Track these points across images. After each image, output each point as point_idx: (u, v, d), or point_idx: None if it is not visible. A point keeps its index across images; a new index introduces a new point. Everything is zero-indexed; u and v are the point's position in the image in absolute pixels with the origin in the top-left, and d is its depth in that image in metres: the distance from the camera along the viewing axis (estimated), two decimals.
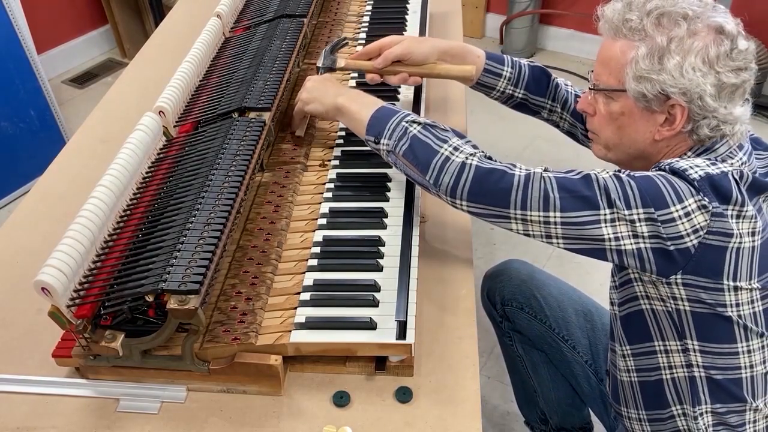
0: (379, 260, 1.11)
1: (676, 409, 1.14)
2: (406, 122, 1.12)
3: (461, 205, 1.06)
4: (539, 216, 1.00)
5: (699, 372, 1.08)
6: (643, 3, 1.04)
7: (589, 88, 1.12)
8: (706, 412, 1.11)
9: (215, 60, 1.52)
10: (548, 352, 1.48)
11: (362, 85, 1.56)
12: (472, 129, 3.05)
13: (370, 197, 1.26)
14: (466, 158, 1.05)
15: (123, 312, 0.96)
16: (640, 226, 0.97)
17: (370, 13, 1.87)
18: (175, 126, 1.29)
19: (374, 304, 1.04)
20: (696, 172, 0.98)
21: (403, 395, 1.00)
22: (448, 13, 2.02)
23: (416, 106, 1.48)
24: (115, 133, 1.49)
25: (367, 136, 1.17)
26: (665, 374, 1.12)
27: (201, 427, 0.98)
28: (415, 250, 1.13)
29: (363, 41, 1.73)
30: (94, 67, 3.69)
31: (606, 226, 0.98)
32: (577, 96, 1.37)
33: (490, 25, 3.87)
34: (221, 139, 1.21)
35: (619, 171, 1.01)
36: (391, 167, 1.32)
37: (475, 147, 1.10)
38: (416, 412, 0.98)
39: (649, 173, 1.00)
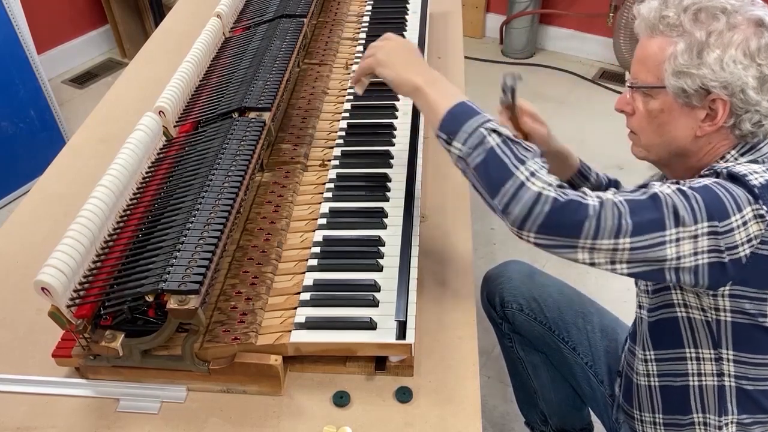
0: (379, 260, 1.11)
1: (698, 417, 1.12)
2: (485, 129, 1.00)
3: (528, 237, 0.97)
4: (609, 244, 0.95)
5: (730, 381, 1.07)
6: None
7: (628, 86, 1.10)
8: (732, 422, 1.10)
9: (215, 60, 1.52)
10: (548, 354, 1.48)
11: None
12: None
13: (370, 197, 1.25)
14: (543, 188, 0.94)
15: (123, 312, 0.95)
16: (702, 240, 0.93)
17: (370, 13, 1.87)
18: (175, 126, 1.29)
19: (374, 304, 1.04)
20: (756, 178, 0.95)
21: (403, 395, 1.00)
22: (448, 13, 2.02)
23: None
24: (115, 133, 1.49)
25: (439, 132, 1.04)
26: (693, 381, 1.11)
27: (201, 427, 0.98)
28: (415, 250, 1.13)
29: (363, 41, 1.73)
30: (94, 67, 3.69)
31: (671, 247, 0.94)
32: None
33: (490, 25, 3.87)
34: (221, 139, 1.21)
35: (681, 183, 0.98)
36: (391, 167, 1.32)
37: (549, 171, 1.01)
38: (416, 412, 0.98)
39: (707, 182, 0.97)
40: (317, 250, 1.15)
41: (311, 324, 1.01)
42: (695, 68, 0.98)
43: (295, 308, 1.04)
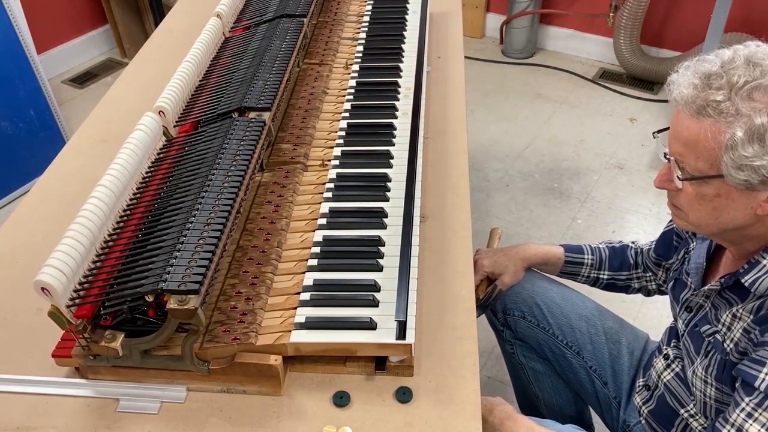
0: (379, 260, 1.11)
1: None
2: None
3: None
4: None
5: None
6: (723, 75, 0.92)
7: (678, 177, 0.99)
8: None
9: (215, 60, 1.52)
10: (551, 359, 1.47)
11: (361, 86, 1.56)
12: (472, 129, 3.08)
13: (370, 197, 1.25)
14: None
15: (123, 312, 0.95)
16: None
17: (370, 13, 1.87)
18: (175, 126, 1.29)
19: (374, 304, 1.04)
20: None
21: (403, 395, 1.00)
22: (448, 13, 2.02)
23: (417, 103, 1.48)
24: (115, 133, 1.49)
25: None
26: None
27: (201, 427, 0.98)
28: (415, 250, 1.13)
29: (363, 41, 1.73)
30: (94, 67, 3.69)
31: None
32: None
33: (490, 25, 3.87)
34: (221, 139, 1.21)
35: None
36: (391, 167, 1.32)
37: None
38: (416, 412, 0.98)
39: None
40: (317, 250, 1.15)
41: (311, 324, 1.01)
42: (759, 159, 0.89)
43: (295, 308, 1.04)
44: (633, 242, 1.46)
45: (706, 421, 1.16)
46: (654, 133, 1.10)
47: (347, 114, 1.48)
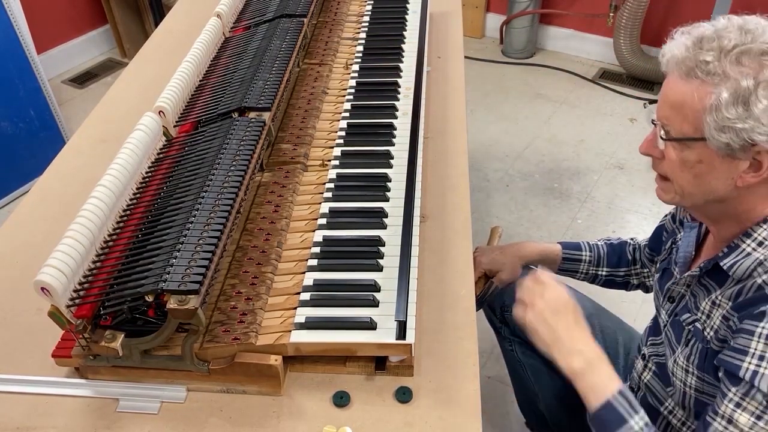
0: (379, 260, 1.11)
1: None
2: None
3: None
4: None
5: None
6: (716, 39, 0.94)
7: (661, 137, 1.01)
8: None
9: (215, 60, 1.52)
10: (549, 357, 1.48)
11: (361, 86, 1.56)
12: (472, 129, 3.07)
13: (370, 197, 1.25)
14: None
15: (123, 312, 0.95)
16: None
17: (370, 13, 1.87)
18: (174, 126, 1.29)
19: (374, 304, 1.04)
20: None
21: (403, 395, 1.00)
22: (448, 13, 2.02)
23: (417, 103, 1.48)
24: (115, 133, 1.49)
25: (590, 424, 1.08)
26: None
27: (201, 427, 0.98)
28: (415, 250, 1.13)
29: (363, 41, 1.73)
30: (94, 67, 3.69)
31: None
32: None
33: (490, 25, 3.87)
34: (221, 139, 1.21)
35: (754, 390, 0.95)
36: (391, 167, 1.32)
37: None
38: (416, 412, 0.98)
39: None
40: (317, 250, 1.15)
41: (311, 324, 1.01)
42: (742, 121, 0.91)
43: (295, 308, 1.04)
44: (632, 239, 1.47)
45: (684, 413, 1.16)
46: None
47: (347, 114, 1.48)
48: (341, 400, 0.99)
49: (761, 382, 0.93)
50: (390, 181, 1.29)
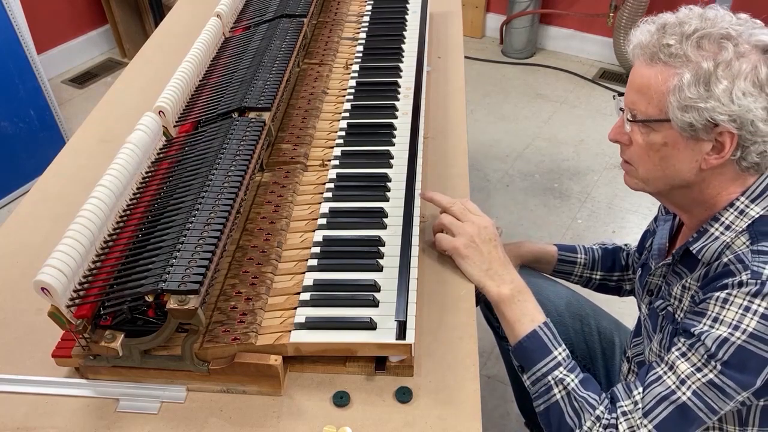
0: (379, 260, 1.11)
1: None
2: (553, 379, 1.06)
3: None
4: None
5: None
6: (678, 25, 0.97)
7: (627, 119, 1.04)
8: None
9: (215, 60, 1.52)
10: None
11: (361, 86, 1.56)
12: (472, 129, 3.07)
13: (370, 197, 1.25)
14: None
15: (123, 312, 0.95)
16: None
17: (370, 13, 1.87)
18: (174, 126, 1.29)
19: (374, 304, 1.04)
20: None
21: (403, 395, 1.00)
22: (448, 13, 2.02)
23: (417, 103, 1.48)
24: (115, 133, 1.49)
25: (512, 355, 1.13)
26: None
27: (201, 427, 0.98)
28: (415, 250, 1.13)
29: (363, 41, 1.73)
30: (94, 67, 3.69)
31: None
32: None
33: (490, 25, 3.87)
34: (221, 139, 1.21)
35: (711, 361, 0.96)
36: (391, 167, 1.32)
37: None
38: (416, 412, 0.98)
39: (738, 341, 0.94)
40: (317, 250, 1.15)
41: (311, 324, 1.01)
42: (703, 101, 0.93)
43: (295, 308, 1.04)
44: (626, 244, 1.48)
45: None
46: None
47: (347, 114, 1.48)
48: (341, 400, 0.99)
49: (707, 338, 0.96)
50: (390, 181, 1.29)
